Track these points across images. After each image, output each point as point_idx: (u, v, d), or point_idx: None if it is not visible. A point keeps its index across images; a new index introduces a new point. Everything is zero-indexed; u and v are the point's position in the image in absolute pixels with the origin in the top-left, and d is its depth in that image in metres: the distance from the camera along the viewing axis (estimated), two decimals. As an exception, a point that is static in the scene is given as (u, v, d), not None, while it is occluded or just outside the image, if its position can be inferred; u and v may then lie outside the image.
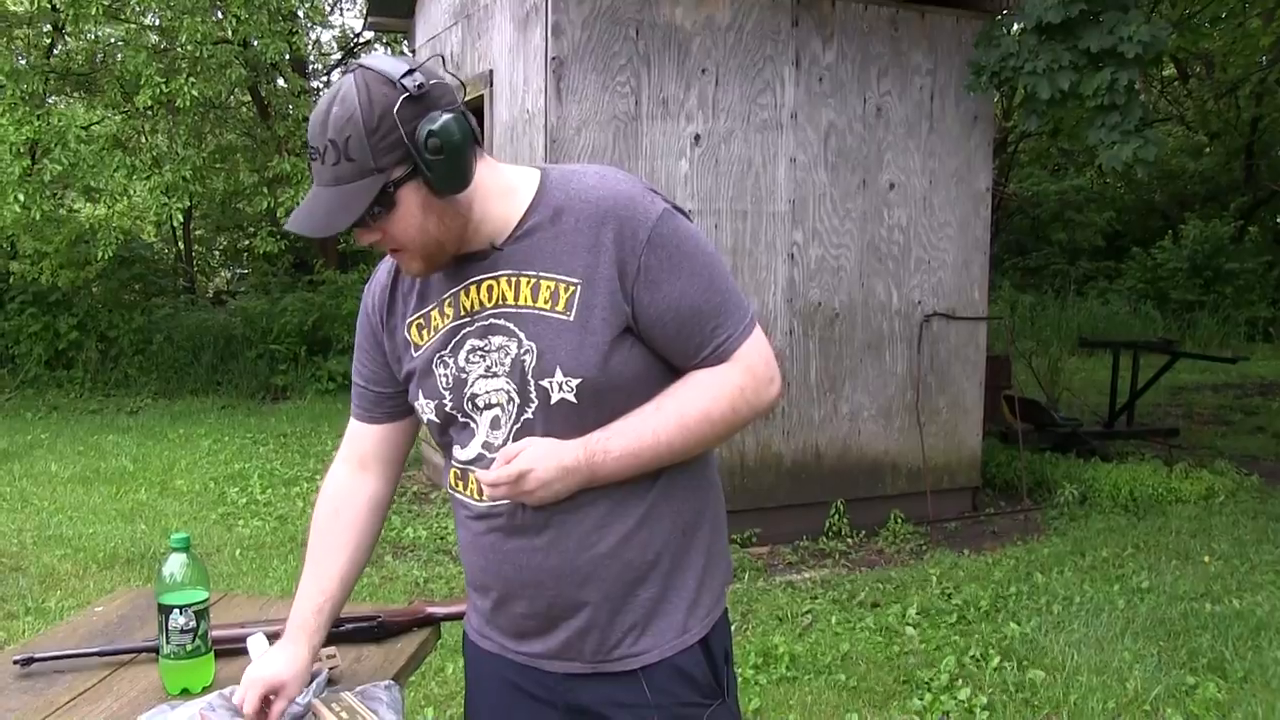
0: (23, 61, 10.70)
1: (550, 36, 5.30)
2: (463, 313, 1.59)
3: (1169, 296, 16.00)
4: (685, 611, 1.63)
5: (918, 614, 4.72)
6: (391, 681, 1.75)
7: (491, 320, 1.56)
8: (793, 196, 5.86)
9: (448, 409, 1.61)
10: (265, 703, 1.60)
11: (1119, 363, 8.65)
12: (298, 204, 9.08)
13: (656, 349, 1.56)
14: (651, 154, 5.52)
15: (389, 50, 13.41)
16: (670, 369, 1.59)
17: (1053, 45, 5.62)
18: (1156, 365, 8.73)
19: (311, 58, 16.33)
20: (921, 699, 3.87)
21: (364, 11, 10.52)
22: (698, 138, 5.60)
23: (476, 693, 1.76)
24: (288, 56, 11.73)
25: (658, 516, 1.60)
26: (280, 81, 13.02)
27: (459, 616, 2.07)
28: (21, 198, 9.71)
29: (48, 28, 11.94)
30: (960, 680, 4.01)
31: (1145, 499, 6.56)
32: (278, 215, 11.40)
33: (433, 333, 1.62)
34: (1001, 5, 6.33)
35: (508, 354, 1.55)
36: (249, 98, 13.39)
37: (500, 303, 1.56)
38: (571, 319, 1.52)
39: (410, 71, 1.42)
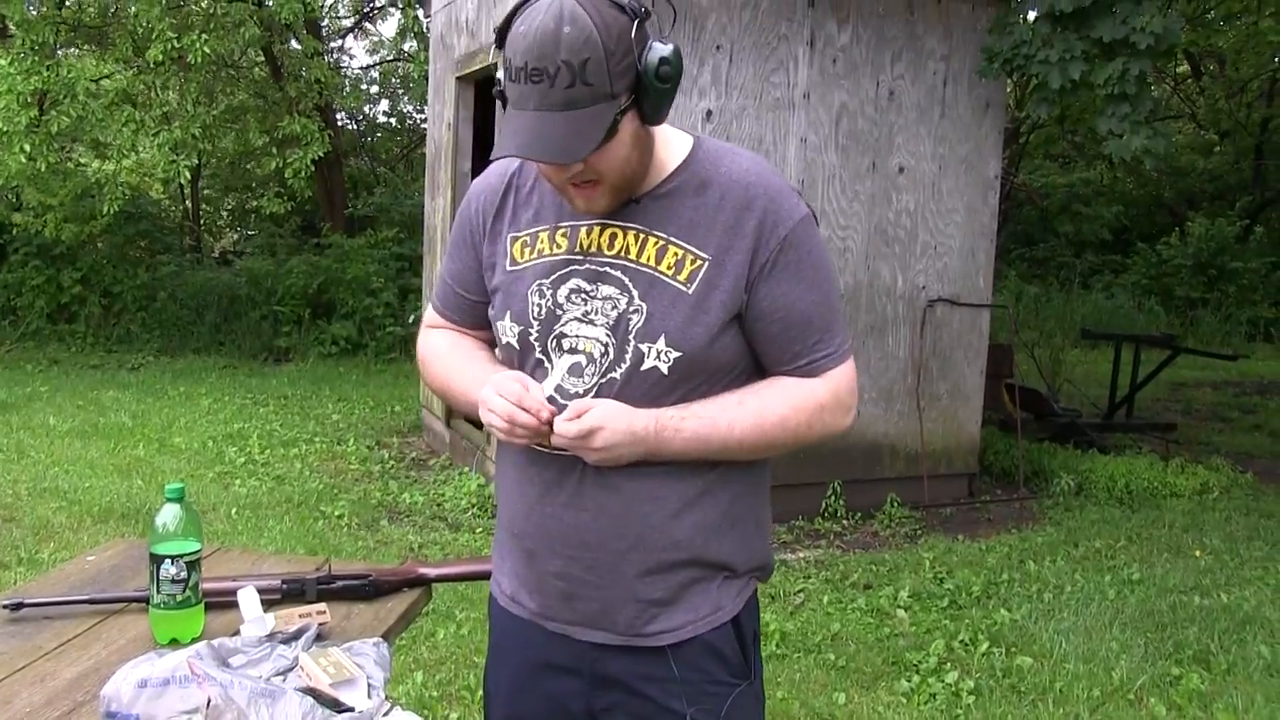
0: (34, 11, 10.64)
1: (564, 6, 5.26)
2: (577, 249, 1.54)
3: (1173, 293, 15.96)
4: (719, 591, 1.61)
5: (909, 597, 4.74)
6: (380, 639, 1.76)
7: (607, 269, 1.52)
8: (802, 176, 5.84)
9: (531, 338, 1.56)
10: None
11: (1120, 356, 8.64)
12: (307, 165, 8.83)
13: (753, 344, 1.55)
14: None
15: (403, 15, 13.32)
16: (756, 369, 1.58)
17: (1066, 34, 5.59)
18: (1157, 360, 8.72)
19: (326, 20, 16.23)
20: (909, 681, 3.89)
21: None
22: (709, 114, 5.58)
23: (499, 659, 1.74)
24: (302, 18, 11.66)
25: (712, 502, 1.58)
26: (294, 43, 12.95)
27: (451, 579, 2.08)
28: (28, 148, 9.68)
29: (60, -22, 11.89)
30: (949, 664, 4.03)
31: (1140, 492, 6.57)
32: (286, 176, 11.36)
33: (536, 255, 1.57)
34: (1018, -8, 6.29)
35: (615, 307, 1.51)
36: (262, 58, 13.33)
37: (622, 254, 1.52)
38: (690, 292, 1.49)
39: None
